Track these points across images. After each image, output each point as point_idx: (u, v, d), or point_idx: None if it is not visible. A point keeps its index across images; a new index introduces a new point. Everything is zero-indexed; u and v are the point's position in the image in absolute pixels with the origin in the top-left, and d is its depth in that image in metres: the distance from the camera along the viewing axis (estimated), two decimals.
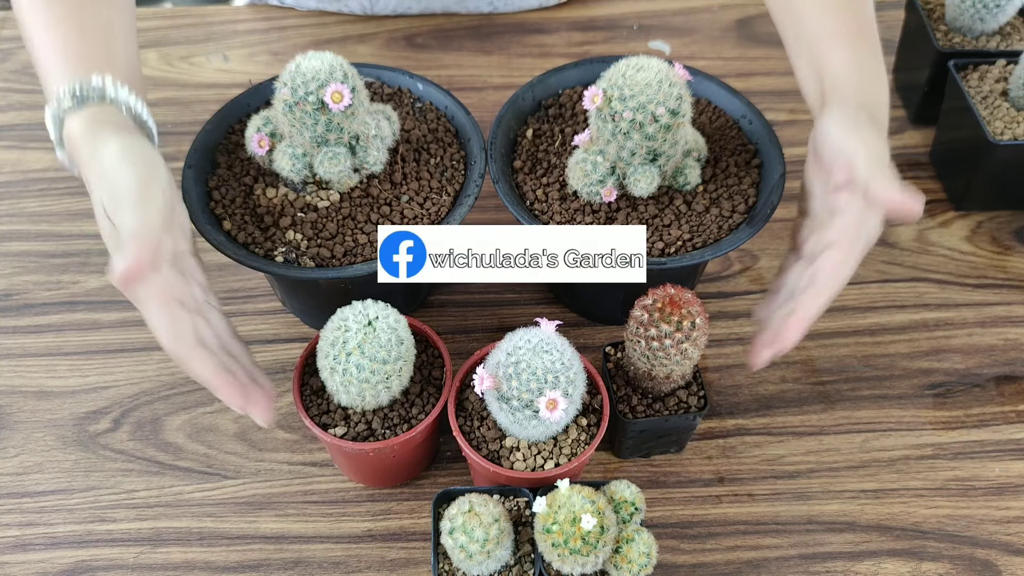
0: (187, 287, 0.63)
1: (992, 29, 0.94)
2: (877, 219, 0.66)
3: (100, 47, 0.68)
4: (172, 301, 0.61)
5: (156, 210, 0.60)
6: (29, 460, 0.75)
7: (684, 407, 0.70)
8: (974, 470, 0.75)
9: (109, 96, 0.65)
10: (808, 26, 0.73)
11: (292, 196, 0.73)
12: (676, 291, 0.65)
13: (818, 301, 0.65)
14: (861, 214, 0.65)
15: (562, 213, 0.73)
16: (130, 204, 0.59)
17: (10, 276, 0.86)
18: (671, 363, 0.65)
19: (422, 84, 0.81)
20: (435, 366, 0.70)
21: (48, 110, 0.65)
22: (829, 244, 0.66)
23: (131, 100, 0.66)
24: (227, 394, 0.62)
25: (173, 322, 0.61)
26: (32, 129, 0.97)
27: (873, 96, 0.69)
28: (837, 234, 0.66)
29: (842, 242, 0.65)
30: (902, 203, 0.62)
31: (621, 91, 0.67)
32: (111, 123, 0.64)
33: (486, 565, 0.61)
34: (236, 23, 1.08)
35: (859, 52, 0.71)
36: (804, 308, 0.65)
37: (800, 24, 0.74)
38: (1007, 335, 0.83)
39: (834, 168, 0.66)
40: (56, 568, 0.70)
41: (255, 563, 0.70)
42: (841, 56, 0.71)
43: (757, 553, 0.71)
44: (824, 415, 0.78)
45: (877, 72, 0.71)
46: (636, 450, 0.74)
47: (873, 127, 0.67)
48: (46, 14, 0.68)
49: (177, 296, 0.62)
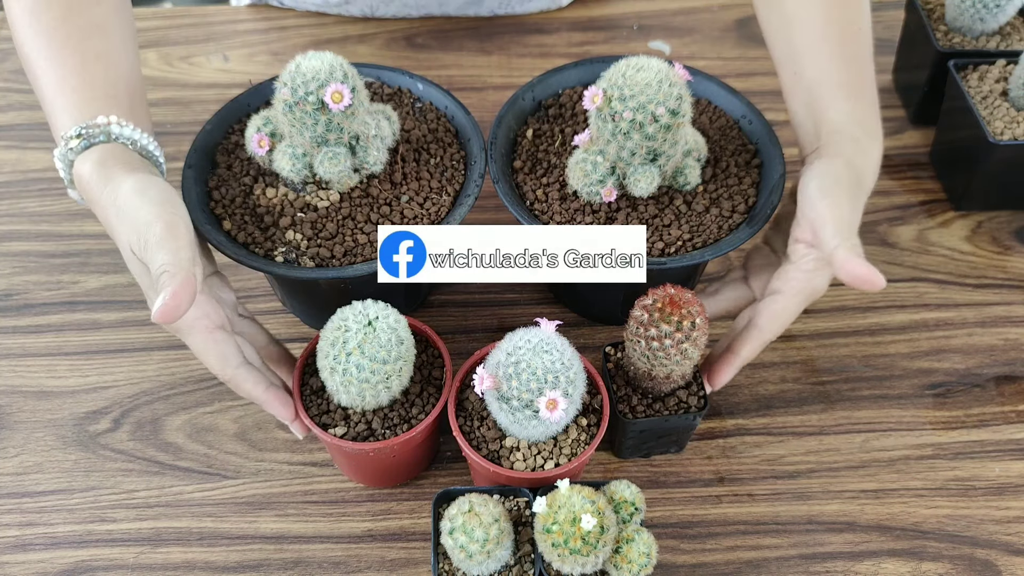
0: (221, 310, 0.67)
1: (992, 29, 0.94)
2: (826, 279, 0.68)
3: (102, 82, 0.68)
4: (213, 329, 0.65)
5: (184, 245, 0.60)
6: (29, 460, 0.75)
7: (684, 407, 0.70)
8: (974, 470, 0.75)
9: (115, 134, 0.66)
10: (808, 69, 0.73)
11: (292, 196, 0.73)
12: (676, 291, 0.64)
13: (754, 344, 0.69)
14: (813, 271, 0.68)
15: (562, 213, 0.73)
16: (158, 243, 0.60)
17: (10, 276, 0.86)
18: (671, 363, 0.65)
19: (422, 84, 0.81)
20: (435, 366, 0.70)
21: (56, 151, 0.66)
22: (775, 290, 0.69)
23: (136, 135, 0.67)
24: (277, 409, 0.67)
25: (217, 348, 0.65)
26: (32, 129, 0.97)
27: (864, 157, 0.70)
28: (784, 283, 0.68)
29: (787, 292, 0.68)
30: (866, 275, 0.63)
31: (621, 91, 0.67)
32: (120, 162, 0.65)
33: (486, 565, 0.61)
34: (236, 23, 1.08)
35: (859, 107, 0.71)
36: (740, 348, 0.69)
37: (799, 63, 0.74)
38: (1007, 335, 0.83)
39: (803, 223, 0.67)
40: (56, 568, 0.70)
41: (255, 563, 0.70)
42: (841, 108, 0.71)
43: (757, 553, 0.71)
44: (824, 415, 0.78)
45: (874, 130, 0.71)
46: (636, 450, 0.74)
47: (852, 190, 0.67)
48: (47, 51, 0.68)
49: (216, 323, 0.66)
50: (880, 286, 0.62)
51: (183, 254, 0.59)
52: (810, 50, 0.73)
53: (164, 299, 0.57)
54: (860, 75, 0.73)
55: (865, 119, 0.71)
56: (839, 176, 0.67)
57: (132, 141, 0.67)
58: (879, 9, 1.11)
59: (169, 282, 0.57)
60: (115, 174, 0.63)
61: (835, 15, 0.74)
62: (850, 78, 0.72)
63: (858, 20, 0.75)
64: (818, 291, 0.69)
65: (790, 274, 0.68)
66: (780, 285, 0.69)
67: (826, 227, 0.65)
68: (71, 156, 0.66)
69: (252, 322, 0.71)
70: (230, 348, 0.65)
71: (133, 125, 0.67)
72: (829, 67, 0.72)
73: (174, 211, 0.62)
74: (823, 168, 0.68)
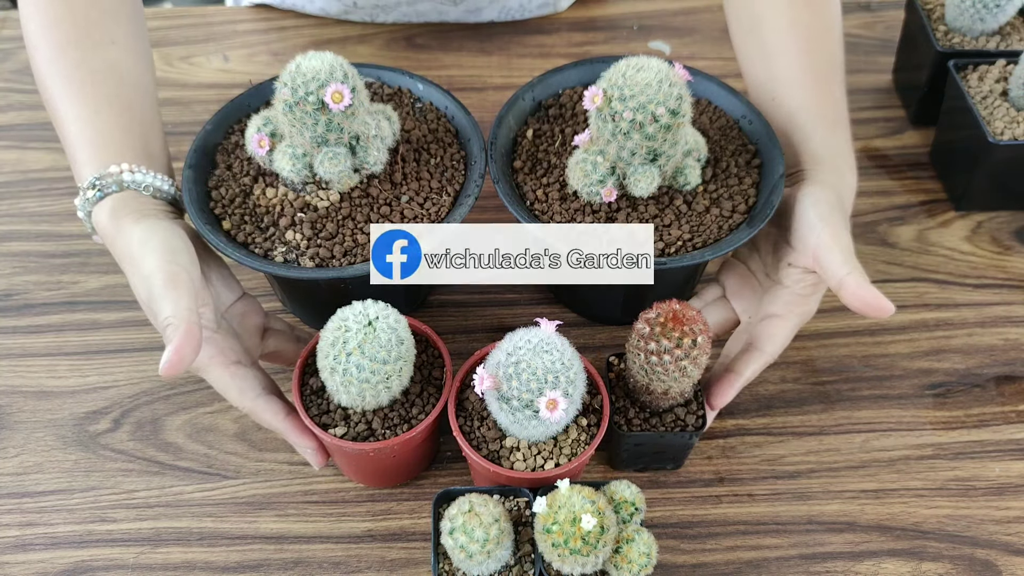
0: (237, 343, 0.69)
1: (992, 29, 0.94)
2: (818, 302, 0.72)
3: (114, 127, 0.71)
4: (229, 364, 0.67)
5: (184, 295, 0.62)
6: (29, 460, 0.75)
7: (681, 424, 0.70)
8: (974, 470, 0.75)
9: (127, 182, 0.68)
10: (787, 99, 0.76)
11: (292, 196, 0.73)
12: (681, 307, 0.64)
13: (756, 366, 0.71)
14: (809, 296, 0.70)
15: (562, 213, 0.73)
16: (160, 294, 0.62)
17: (10, 276, 0.86)
18: (669, 379, 0.64)
19: (422, 84, 0.81)
20: (435, 366, 0.70)
21: (76, 201, 0.69)
22: (772, 314, 0.71)
23: (148, 179, 0.69)
24: (296, 438, 0.68)
25: (235, 383, 0.67)
26: (32, 129, 0.97)
27: (847, 189, 0.72)
28: (783, 308, 0.71)
29: (786, 316, 0.71)
30: (876, 303, 0.64)
31: (621, 91, 0.67)
32: (130, 211, 0.67)
33: (486, 565, 0.61)
34: (236, 23, 1.08)
35: (837, 139, 0.74)
36: (743, 369, 0.71)
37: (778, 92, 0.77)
38: (1007, 335, 0.83)
39: (800, 248, 0.69)
40: (56, 568, 0.70)
41: (255, 563, 0.70)
42: (823, 138, 0.74)
43: (757, 553, 0.71)
44: (824, 415, 0.78)
45: (851, 162, 0.74)
46: (632, 463, 0.74)
47: (845, 218, 0.70)
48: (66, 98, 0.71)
49: (232, 357, 0.67)
50: (889, 312, 0.64)
51: (183, 303, 0.61)
52: (790, 81, 0.77)
53: (168, 354, 0.59)
54: (836, 108, 0.76)
55: (844, 151, 0.74)
56: (833, 204, 0.69)
57: (144, 185, 0.69)
58: (879, 9, 1.11)
59: (172, 335, 0.60)
60: (125, 225, 0.66)
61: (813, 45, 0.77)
62: (827, 110, 0.75)
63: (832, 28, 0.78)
64: (811, 313, 0.72)
65: (786, 298, 0.71)
66: (778, 309, 0.71)
67: (833, 255, 0.66)
68: (88, 207, 0.68)
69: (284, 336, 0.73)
70: (247, 382, 0.67)
71: (145, 168, 0.69)
72: (807, 96, 0.76)
73: (173, 259, 0.64)
74: (817, 195, 0.70)
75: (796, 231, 0.70)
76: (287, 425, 0.68)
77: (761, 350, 0.71)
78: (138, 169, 0.69)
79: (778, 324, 0.71)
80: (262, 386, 0.68)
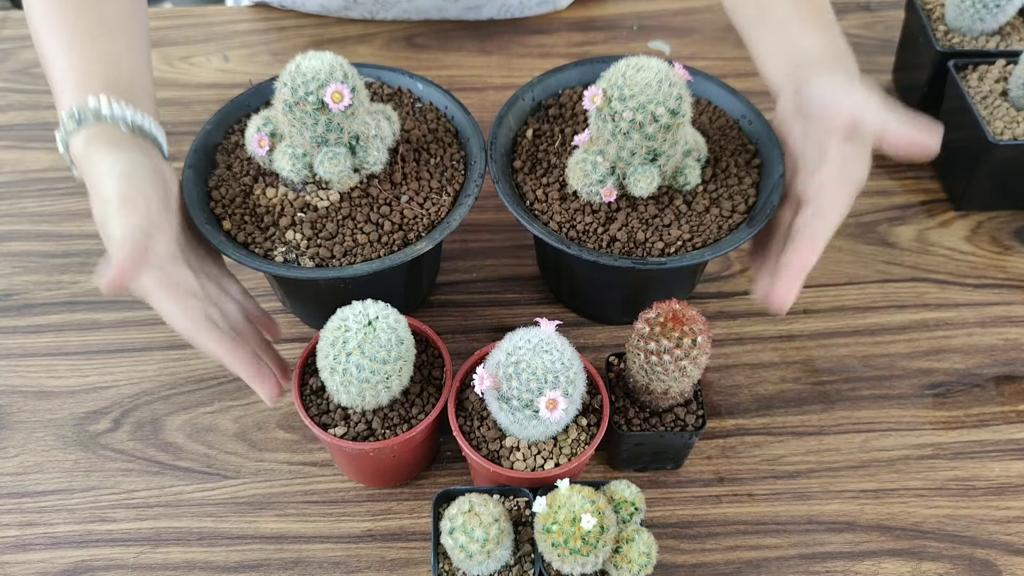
0: (194, 280, 0.66)
1: (992, 29, 0.94)
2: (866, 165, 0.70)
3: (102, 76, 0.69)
4: (179, 290, 0.64)
5: (137, 217, 0.61)
6: (29, 460, 0.75)
7: (681, 424, 0.70)
8: (974, 470, 0.75)
9: (105, 115, 0.67)
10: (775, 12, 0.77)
11: (292, 196, 0.73)
12: (681, 307, 0.64)
13: (824, 225, 0.68)
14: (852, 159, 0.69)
15: (562, 213, 0.73)
16: (112, 216, 0.62)
17: (10, 276, 0.86)
18: (668, 379, 0.64)
19: (422, 84, 0.81)
20: (435, 366, 0.70)
21: (57, 134, 0.68)
22: (822, 185, 0.69)
23: (127, 113, 0.68)
24: (240, 368, 0.65)
25: (183, 308, 0.64)
26: (32, 129, 0.97)
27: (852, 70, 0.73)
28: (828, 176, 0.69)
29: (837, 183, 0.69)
30: (919, 139, 0.66)
31: (621, 91, 0.67)
32: (104, 141, 0.66)
33: (486, 565, 0.61)
34: (236, 23, 1.08)
35: (831, 35, 0.75)
36: (813, 230, 0.68)
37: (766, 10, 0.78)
38: (1007, 335, 0.83)
39: (833, 119, 0.69)
40: (56, 568, 0.70)
41: (255, 563, 0.70)
42: (816, 38, 0.75)
43: (757, 553, 0.71)
44: (824, 415, 0.78)
45: (849, 53, 0.74)
46: (632, 463, 0.74)
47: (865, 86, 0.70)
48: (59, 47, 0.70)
49: (183, 286, 0.65)
50: (935, 149, 0.66)
51: (134, 225, 0.61)
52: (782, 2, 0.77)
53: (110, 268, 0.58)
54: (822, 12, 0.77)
55: (840, 44, 0.75)
56: (848, 77, 0.70)
57: (123, 120, 0.67)
58: (879, 9, 1.11)
59: (115, 252, 0.59)
60: (96, 153, 0.65)
61: None
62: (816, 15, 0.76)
63: None
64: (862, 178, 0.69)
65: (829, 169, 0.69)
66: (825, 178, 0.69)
67: (868, 109, 0.67)
68: (67, 137, 0.67)
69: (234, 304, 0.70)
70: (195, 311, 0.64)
71: (126, 103, 0.68)
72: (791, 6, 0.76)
73: (132, 184, 0.63)
74: (829, 78, 0.70)
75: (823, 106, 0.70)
76: (232, 357, 0.64)
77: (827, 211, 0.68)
78: (117, 103, 0.67)
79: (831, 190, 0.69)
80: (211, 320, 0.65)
